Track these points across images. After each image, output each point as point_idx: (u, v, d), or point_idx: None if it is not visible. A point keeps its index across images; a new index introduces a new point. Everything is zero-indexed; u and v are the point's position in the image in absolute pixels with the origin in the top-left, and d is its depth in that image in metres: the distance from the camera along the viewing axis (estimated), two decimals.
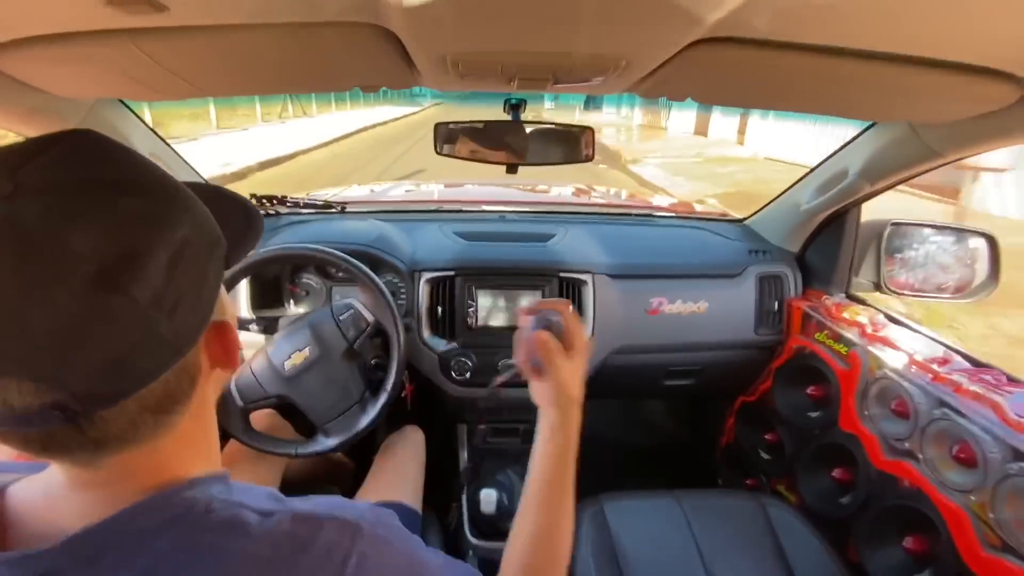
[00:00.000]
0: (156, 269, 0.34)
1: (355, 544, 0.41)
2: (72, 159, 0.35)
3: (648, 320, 1.32)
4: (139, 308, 0.33)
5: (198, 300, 0.38)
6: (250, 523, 0.39)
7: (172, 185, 0.38)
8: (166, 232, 0.35)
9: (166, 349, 0.36)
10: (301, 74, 0.76)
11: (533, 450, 0.64)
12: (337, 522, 0.42)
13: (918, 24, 0.50)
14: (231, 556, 0.37)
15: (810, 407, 1.30)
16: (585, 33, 0.54)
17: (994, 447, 0.82)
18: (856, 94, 0.73)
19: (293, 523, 0.40)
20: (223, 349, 0.43)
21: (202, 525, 0.38)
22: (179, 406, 0.40)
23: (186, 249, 0.36)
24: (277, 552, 0.38)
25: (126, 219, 0.34)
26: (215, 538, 0.38)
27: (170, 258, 0.35)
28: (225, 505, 0.40)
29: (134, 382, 0.35)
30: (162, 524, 0.37)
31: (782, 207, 1.43)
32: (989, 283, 1.18)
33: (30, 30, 0.55)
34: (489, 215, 1.59)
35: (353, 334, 1.08)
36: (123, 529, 0.37)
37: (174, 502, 0.39)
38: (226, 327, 0.43)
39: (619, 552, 1.05)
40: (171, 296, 0.35)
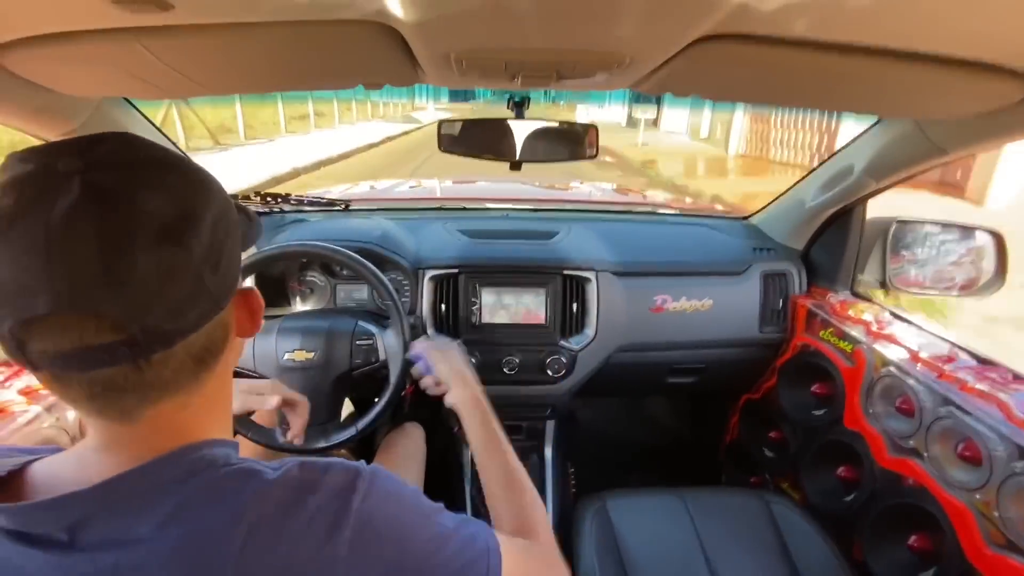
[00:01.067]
0: (206, 228, 0.40)
1: (358, 484, 0.44)
2: (124, 146, 0.40)
3: (652, 318, 1.32)
4: (193, 261, 0.39)
5: (233, 260, 0.44)
6: (264, 471, 0.43)
7: (197, 167, 0.44)
8: (209, 199, 0.41)
9: (210, 300, 0.41)
10: (305, 72, 0.77)
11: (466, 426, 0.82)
12: (342, 467, 0.46)
13: (924, 20, 0.50)
14: (249, 495, 0.41)
15: (814, 405, 1.30)
16: (590, 30, 0.54)
17: (999, 445, 0.82)
18: (862, 90, 0.72)
19: (301, 469, 0.44)
20: (248, 312, 0.48)
21: (224, 474, 0.42)
22: (214, 359, 0.45)
23: (224, 214, 0.43)
24: (289, 492, 0.42)
25: (180, 187, 0.40)
26: (234, 483, 0.42)
27: (213, 219, 0.41)
28: (240, 460, 0.44)
29: (187, 326, 0.40)
30: (186, 473, 0.41)
31: (787, 204, 1.42)
32: (996, 280, 1.17)
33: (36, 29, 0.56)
34: (493, 213, 1.59)
35: (359, 363, 1.08)
36: (150, 477, 0.40)
37: (196, 456, 0.42)
38: (252, 292, 0.49)
39: (623, 550, 1.05)
40: (215, 253, 0.41)
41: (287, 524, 0.41)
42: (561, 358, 1.27)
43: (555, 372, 1.27)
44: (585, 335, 1.29)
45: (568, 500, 1.46)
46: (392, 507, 0.46)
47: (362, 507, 0.44)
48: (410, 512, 0.48)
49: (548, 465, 1.41)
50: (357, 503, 0.43)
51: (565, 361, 1.27)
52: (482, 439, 0.79)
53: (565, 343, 1.29)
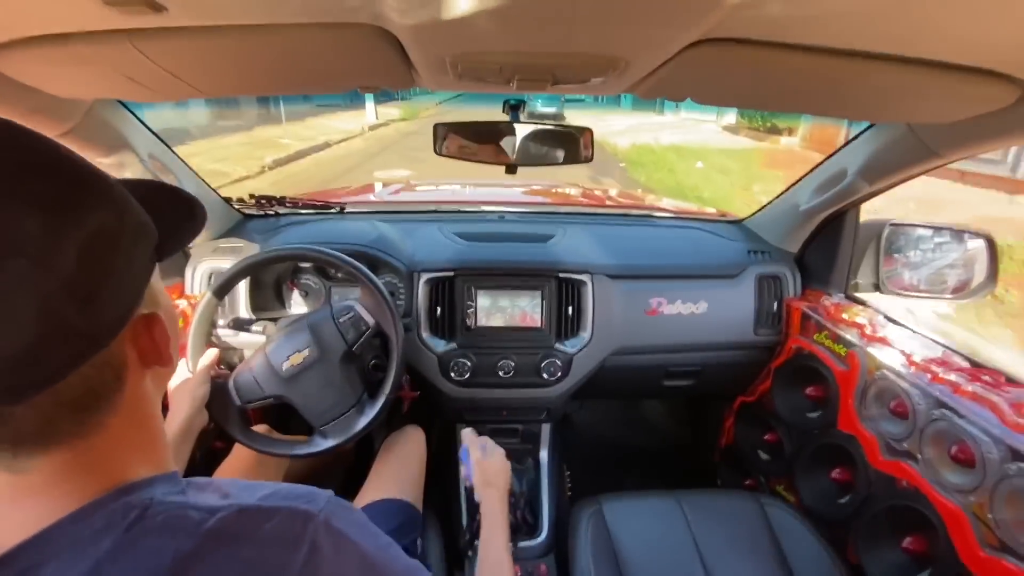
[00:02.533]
0: (62, 254, 0.32)
1: (305, 532, 0.39)
2: None
3: (647, 321, 1.33)
4: (42, 296, 0.32)
5: (120, 290, 0.37)
6: (192, 521, 0.37)
7: (87, 171, 0.37)
8: (76, 217, 0.34)
9: (80, 340, 0.34)
10: (299, 75, 0.76)
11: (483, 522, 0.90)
12: (288, 511, 0.40)
13: (917, 25, 0.50)
14: (172, 556, 0.36)
15: (809, 408, 1.30)
16: (585, 34, 0.54)
17: (992, 448, 0.82)
18: (855, 95, 0.73)
19: (238, 517, 0.39)
20: (151, 343, 0.41)
21: (142, 528, 0.37)
22: (104, 402, 0.38)
23: (102, 235, 0.35)
24: (220, 547, 0.37)
25: (34, 201, 0.32)
26: (154, 540, 0.36)
27: (83, 243, 0.34)
28: (166, 507, 0.38)
29: (44, 375, 0.33)
30: (100, 529, 0.36)
31: (781, 207, 1.43)
32: (988, 283, 1.18)
33: (28, 30, 0.55)
34: (488, 216, 1.59)
35: (353, 336, 1.08)
36: (59, 540, 0.35)
37: (112, 507, 0.37)
38: (155, 319, 0.41)
39: (618, 552, 1.05)
40: (84, 285, 0.34)
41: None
42: (557, 361, 1.27)
43: (551, 375, 1.27)
44: (580, 338, 1.29)
45: (564, 503, 1.46)
46: (344, 570, 0.40)
47: (305, 569, 0.38)
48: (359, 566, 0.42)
49: (544, 468, 1.40)
50: (300, 562, 0.38)
51: (561, 364, 1.27)
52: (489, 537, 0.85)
53: (561, 346, 1.29)
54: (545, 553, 1.27)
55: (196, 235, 0.50)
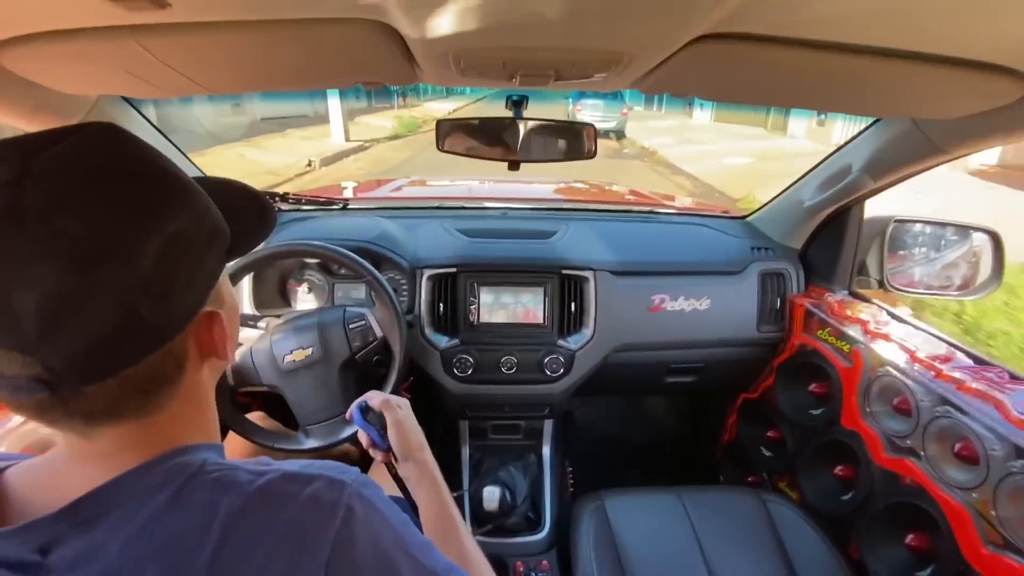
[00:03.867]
0: (144, 256, 0.36)
1: (342, 498, 0.42)
2: (84, 150, 0.37)
3: (650, 317, 1.32)
4: (123, 292, 0.35)
5: (189, 289, 0.40)
6: (241, 481, 0.40)
7: (174, 177, 0.40)
8: (159, 222, 0.37)
9: (150, 333, 0.38)
10: (303, 71, 0.76)
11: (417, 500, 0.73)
12: (325, 478, 0.43)
13: (922, 20, 0.50)
14: (223, 509, 0.38)
15: (812, 404, 1.30)
16: (587, 29, 0.54)
17: (996, 445, 0.82)
18: (860, 90, 0.72)
19: (283, 480, 0.41)
20: (210, 339, 0.44)
21: (196, 483, 0.40)
22: (166, 387, 0.42)
23: (180, 239, 0.38)
24: (266, 505, 0.40)
25: (121, 207, 0.36)
26: (208, 495, 0.39)
27: (162, 246, 0.37)
28: (218, 467, 0.42)
29: (115, 363, 0.37)
30: (159, 484, 0.39)
31: (785, 204, 1.42)
32: (993, 280, 1.17)
33: (34, 27, 0.55)
34: (491, 212, 1.59)
35: (358, 345, 1.08)
36: (121, 492, 0.39)
37: (169, 465, 0.41)
38: (216, 318, 0.44)
39: (620, 548, 1.05)
40: (160, 283, 0.37)
41: (260, 537, 0.38)
42: (559, 357, 1.27)
43: (553, 371, 1.27)
44: (583, 334, 1.29)
45: (566, 499, 1.47)
46: (376, 534, 0.43)
47: (342, 529, 0.41)
48: (395, 545, 0.44)
49: (546, 464, 1.41)
50: (337, 524, 0.41)
51: (563, 360, 1.27)
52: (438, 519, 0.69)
53: (563, 342, 1.29)
54: (547, 549, 1.27)
55: (265, 238, 0.54)
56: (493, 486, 1.25)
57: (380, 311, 1.11)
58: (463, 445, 1.43)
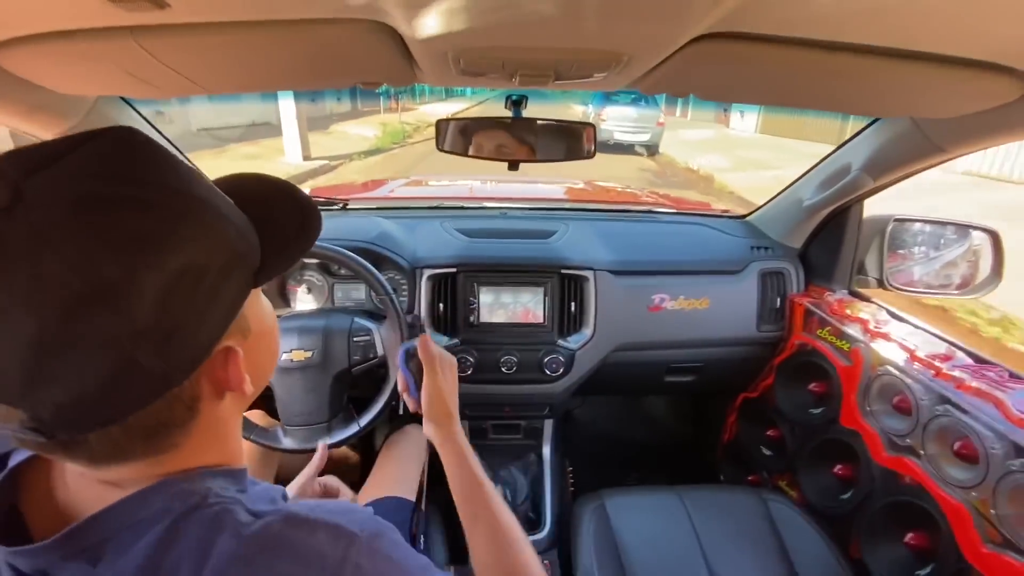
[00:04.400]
0: (141, 298, 0.32)
1: (348, 554, 0.38)
2: (85, 168, 0.32)
3: (650, 316, 1.32)
4: (115, 341, 0.31)
5: (199, 328, 0.36)
6: (239, 521, 0.37)
7: (186, 197, 0.35)
8: (160, 257, 0.33)
9: (151, 381, 0.34)
10: (302, 71, 0.76)
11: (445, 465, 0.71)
12: (332, 529, 0.39)
13: (922, 19, 0.50)
14: (216, 551, 0.36)
15: (812, 403, 1.30)
16: (587, 29, 0.54)
17: (996, 443, 0.82)
18: (859, 90, 0.72)
19: (284, 525, 0.38)
20: (227, 378, 0.40)
21: (193, 518, 0.37)
22: (176, 430, 0.39)
23: (187, 274, 0.34)
24: (262, 553, 0.36)
25: (114, 242, 0.31)
26: (204, 532, 0.36)
27: (164, 286, 0.33)
28: (219, 500, 0.38)
29: (111, 413, 0.34)
30: (158, 512, 0.37)
31: (785, 203, 1.42)
32: (993, 279, 1.17)
33: (33, 27, 0.55)
34: (491, 212, 1.59)
35: (358, 359, 1.08)
36: (117, 520, 0.36)
37: (170, 492, 0.38)
38: (232, 356, 0.40)
39: (621, 548, 1.05)
40: (162, 327, 0.33)
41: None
42: (559, 357, 1.27)
43: (553, 371, 1.27)
44: (583, 334, 1.29)
45: (566, 498, 1.47)
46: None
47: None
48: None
49: (546, 464, 1.41)
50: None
51: (563, 360, 1.27)
52: (462, 485, 0.69)
53: (563, 342, 1.29)
54: (548, 548, 1.27)
55: (305, 253, 0.48)
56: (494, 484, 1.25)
57: (387, 329, 1.11)
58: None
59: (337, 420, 1.08)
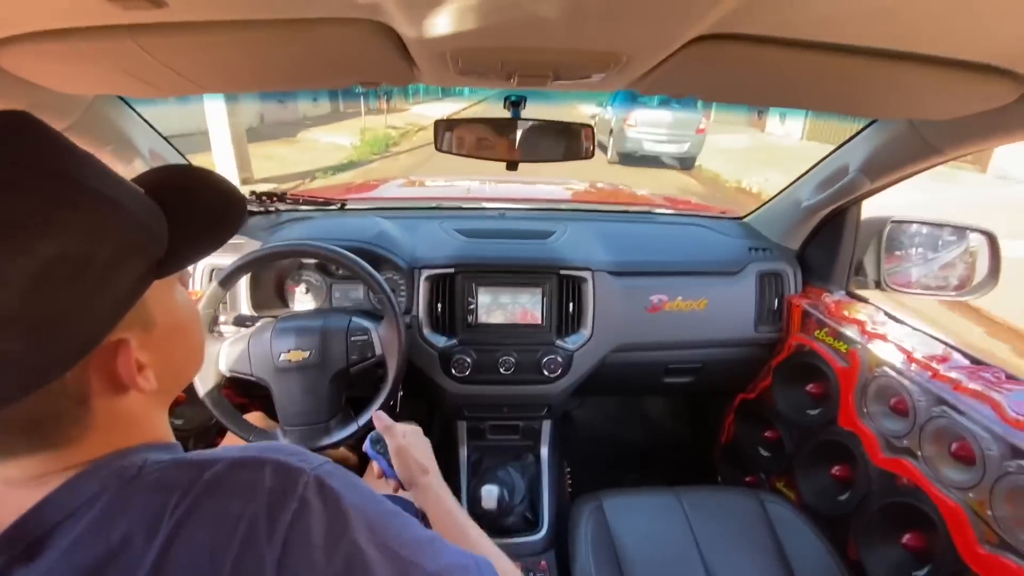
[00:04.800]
0: (5, 285, 0.30)
1: (296, 488, 0.37)
2: None
3: (648, 317, 1.33)
4: None
5: (81, 319, 0.34)
6: (186, 479, 0.36)
7: (71, 185, 0.34)
8: (35, 244, 0.31)
9: (21, 373, 0.32)
10: (300, 71, 0.76)
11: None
12: (278, 464, 0.38)
13: (919, 21, 0.50)
14: (168, 509, 0.35)
15: (809, 405, 1.30)
16: (585, 29, 0.54)
17: (993, 445, 0.82)
18: (857, 91, 0.72)
19: (230, 469, 0.37)
20: (117, 372, 0.38)
21: (134, 486, 0.36)
22: (66, 425, 0.37)
23: (64, 262, 0.32)
24: (212, 497, 0.35)
25: None
26: (148, 496, 0.36)
27: (35, 273, 0.31)
28: (158, 465, 0.37)
29: None
30: (97, 492, 0.36)
31: (782, 204, 1.43)
32: (989, 280, 1.18)
33: (30, 26, 0.55)
34: (489, 212, 1.59)
35: (356, 359, 1.08)
36: (54, 510, 0.35)
37: (104, 472, 0.37)
38: (122, 347, 0.38)
39: (618, 548, 1.05)
40: (32, 316, 0.31)
41: (206, 535, 0.34)
42: (557, 358, 1.27)
43: (551, 372, 1.27)
44: (581, 335, 1.29)
45: (564, 499, 1.47)
46: (339, 529, 0.37)
47: (295, 523, 0.36)
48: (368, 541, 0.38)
49: (544, 464, 1.41)
50: (289, 517, 0.36)
51: (561, 361, 1.27)
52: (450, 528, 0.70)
53: (561, 343, 1.29)
54: (545, 549, 1.27)
55: (224, 241, 0.45)
56: (491, 485, 1.24)
57: (385, 329, 1.10)
58: (461, 445, 1.42)
59: (336, 420, 1.08)
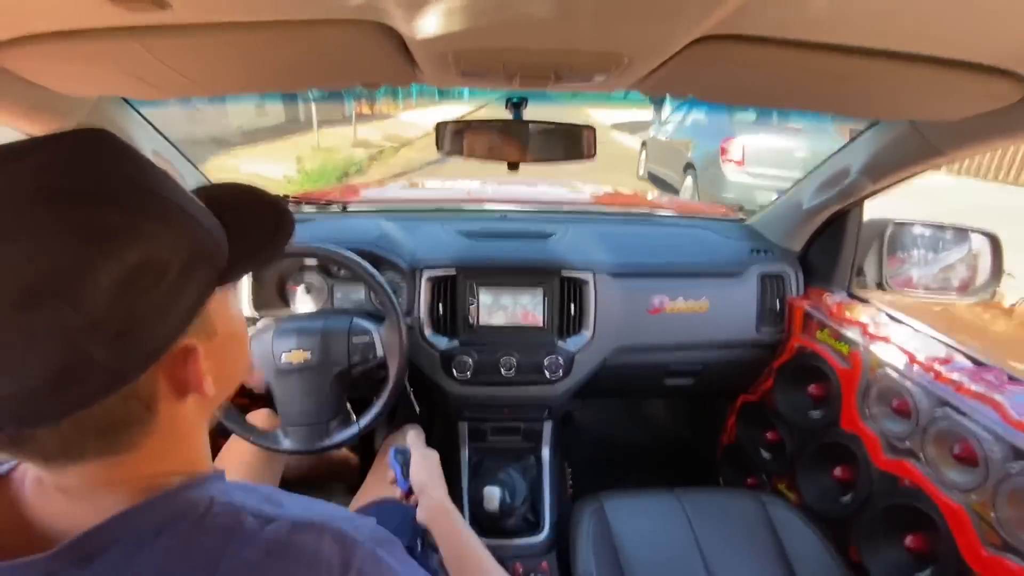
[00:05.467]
0: (96, 291, 0.31)
1: (352, 560, 0.39)
2: (51, 164, 0.33)
3: (649, 319, 1.32)
4: (67, 332, 0.31)
5: (157, 324, 0.35)
6: (248, 528, 0.38)
7: (148, 194, 0.35)
8: (120, 249, 0.32)
9: (104, 376, 0.33)
10: (303, 72, 0.76)
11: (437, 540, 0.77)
12: (336, 533, 0.40)
13: (922, 22, 0.50)
14: (227, 561, 0.36)
15: (811, 406, 1.30)
16: (587, 30, 0.54)
17: (995, 446, 0.82)
18: (860, 92, 0.72)
19: (292, 532, 0.38)
20: (185, 378, 0.39)
21: (201, 527, 0.37)
22: (132, 428, 0.38)
23: (147, 269, 0.34)
24: (272, 561, 0.37)
25: (71, 234, 0.31)
26: (213, 541, 0.37)
27: (121, 279, 0.32)
28: (224, 507, 0.39)
29: (59, 408, 0.33)
30: (161, 524, 0.37)
31: (784, 206, 1.43)
32: (991, 282, 1.17)
33: (35, 27, 0.56)
34: (491, 214, 1.59)
35: (357, 359, 1.08)
36: (119, 531, 0.36)
37: (174, 503, 0.38)
38: (192, 355, 0.39)
39: (620, 550, 1.05)
40: (117, 321, 0.33)
41: None
42: (558, 359, 1.27)
43: (552, 373, 1.27)
44: (582, 336, 1.29)
45: (565, 501, 1.47)
46: None
47: None
48: None
49: (545, 466, 1.41)
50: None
51: (562, 362, 1.27)
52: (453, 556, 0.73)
53: (562, 344, 1.29)
54: (546, 551, 1.27)
55: (275, 256, 0.47)
56: (493, 486, 1.24)
57: (386, 330, 1.10)
58: (462, 447, 1.42)
59: (336, 421, 1.08)
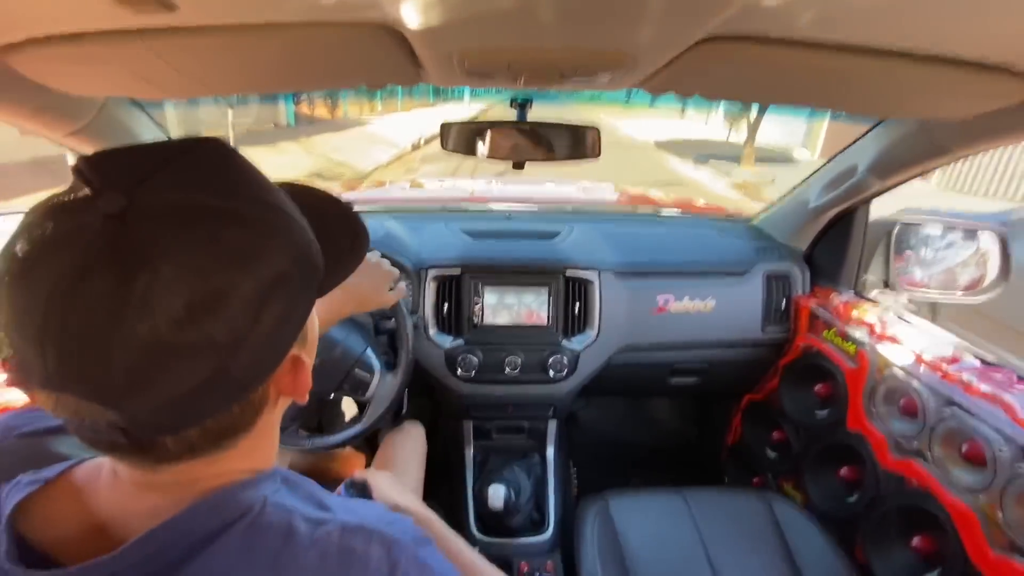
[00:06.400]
0: (240, 308, 0.33)
1: (399, 562, 0.40)
2: (191, 179, 0.34)
3: (654, 318, 1.32)
4: (215, 348, 0.32)
5: (278, 337, 0.37)
6: (301, 531, 0.39)
7: (277, 211, 0.37)
8: (259, 269, 0.34)
9: (234, 387, 0.36)
10: (308, 73, 0.77)
11: None
12: (382, 537, 0.41)
13: (929, 20, 0.50)
14: (284, 563, 0.37)
15: (817, 406, 1.29)
16: (593, 30, 0.54)
17: (1004, 446, 0.82)
18: (866, 91, 0.72)
19: (343, 535, 0.40)
20: (293, 384, 0.42)
21: (258, 527, 0.39)
22: (240, 433, 0.40)
23: (278, 285, 0.35)
24: (325, 563, 0.38)
25: (222, 254, 0.33)
26: (270, 543, 0.38)
27: (258, 296, 0.34)
28: (277, 509, 0.40)
29: (195, 417, 0.35)
30: (223, 525, 0.38)
31: (790, 205, 1.42)
32: (1000, 280, 1.16)
33: (43, 30, 0.56)
34: (495, 213, 1.59)
35: (346, 389, 1.04)
36: (184, 530, 0.37)
37: (231, 503, 0.39)
38: (300, 364, 0.42)
39: (624, 549, 1.05)
40: (252, 335, 0.34)
41: None
42: (563, 358, 1.27)
43: (557, 372, 1.27)
44: (587, 335, 1.29)
45: (570, 500, 1.47)
46: None
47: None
48: None
49: (550, 465, 1.41)
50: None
51: (567, 361, 1.27)
52: None
53: (567, 343, 1.29)
54: (551, 550, 1.27)
55: (355, 268, 0.49)
56: (498, 484, 1.25)
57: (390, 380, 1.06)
58: (467, 445, 1.43)
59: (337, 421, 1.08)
